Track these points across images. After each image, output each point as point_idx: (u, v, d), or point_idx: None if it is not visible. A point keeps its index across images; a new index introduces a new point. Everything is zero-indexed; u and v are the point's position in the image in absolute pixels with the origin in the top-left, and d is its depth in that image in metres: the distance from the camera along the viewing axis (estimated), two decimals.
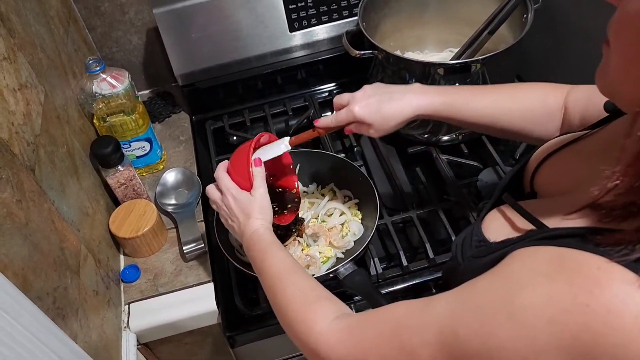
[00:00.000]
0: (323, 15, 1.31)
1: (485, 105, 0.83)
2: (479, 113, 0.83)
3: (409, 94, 0.83)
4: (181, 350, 1.11)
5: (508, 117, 0.82)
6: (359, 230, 1.02)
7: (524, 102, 0.82)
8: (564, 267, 0.44)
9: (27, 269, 0.67)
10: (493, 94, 0.84)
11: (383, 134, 0.86)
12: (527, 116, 0.81)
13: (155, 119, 1.41)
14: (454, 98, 0.83)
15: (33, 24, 0.95)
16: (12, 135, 0.73)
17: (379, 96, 0.84)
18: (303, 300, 0.71)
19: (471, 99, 0.83)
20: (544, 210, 0.57)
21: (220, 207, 0.88)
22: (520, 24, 1.10)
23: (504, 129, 0.83)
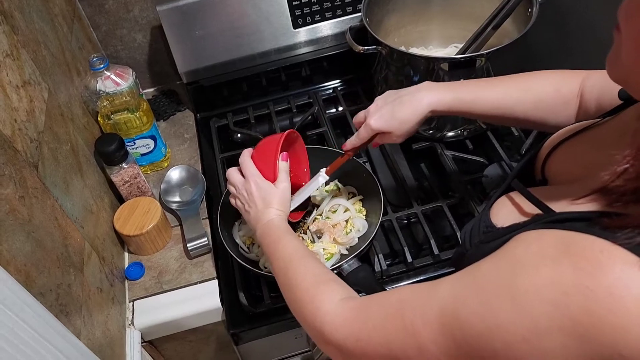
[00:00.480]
0: (327, 12, 1.30)
1: (497, 97, 0.82)
2: (492, 105, 0.82)
3: (419, 94, 0.84)
4: (186, 348, 1.11)
5: (521, 107, 0.81)
6: (363, 226, 1.02)
7: (537, 92, 0.81)
8: (568, 250, 0.43)
9: (30, 266, 0.67)
10: (504, 85, 0.83)
11: (406, 137, 0.88)
12: (541, 106, 0.80)
13: (160, 117, 1.41)
14: (465, 92, 0.83)
15: (37, 21, 0.95)
16: (15, 131, 0.73)
17: (390, 104, 0.86)
18: (312, 282, 0.71)
19: (482, 91, 0.83)
20: (553, 196, 0.57)
21: (240, 190, 0.89)
22: (524, 18, 1.09)
23: (519, 119, 0.83)
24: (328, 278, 0.72)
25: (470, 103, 0.83)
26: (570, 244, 0.44)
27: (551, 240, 0.46)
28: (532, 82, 0.82)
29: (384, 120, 0.86)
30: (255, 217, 0.86)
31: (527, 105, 0.81)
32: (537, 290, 0.43)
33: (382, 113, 0.86)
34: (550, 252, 0.45)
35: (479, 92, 0.83)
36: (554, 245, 0.45)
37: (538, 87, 0.81)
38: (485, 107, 0.83)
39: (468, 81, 0.86)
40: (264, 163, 0.89)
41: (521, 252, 0.48)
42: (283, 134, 0.91)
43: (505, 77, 0.85)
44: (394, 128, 0.85)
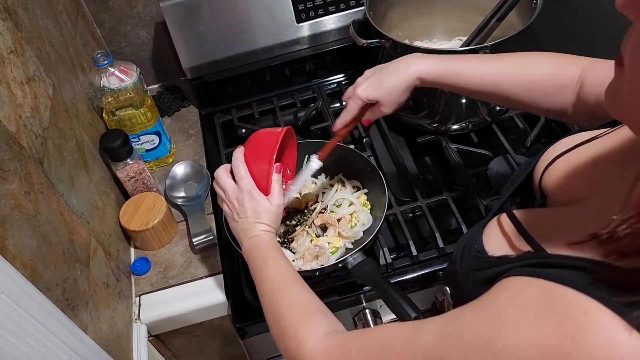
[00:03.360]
0: (330, 6, 1.30)
1: (489, 71, 0.79)
2: (482, 79, 0.80)
3: (407, 61, 0.83)
4: (192, 342, 1.12)
5: (512, 85, 0.78)
6: (367, 220, 1.01)
7: (532, 72, 0.78)
8: (551, 307, 0.42)
9: (36, 260, 0.68)
10: (499, 60, 0.81)
11: (395, 107, 0.86)
12: (535, 87, 0.77)
13: (165, 113, 1.41)
14: (455, 62, 0.81)
15: (40, 18, 0.95)
16: (19, 127, 0.73)
17: (378, 73, 0.85)
18: (299, 312, 0.70)
19: (473, 64, 0.81)
20: (548, 227, 0.55)
21: (230, 198, 0.85)
22: (529, 9, 1.08)
23: (508, 97, 0.80)
24: (315, 309, 0.70)
25: (460, 75, 0.80)
26: (554, 300, 0.42)
27: (535, 292, 0.44)
28: (530, 61, 0.79)
29: (372, 89, 0.84)
30: (244, 229, 0.83)
31: (520, 84, 0.78)
32: (518, 351, 0.42)
33: (370, 82, 0.85)
34: (533, 307, 0.43)
35: (471, 66, 0.81)
36: (537, 299, 0.43)
37: (535, 67, 0.78)
38: (475, 81, 0.80)
39: (462, 55, 0.84)
40: (256, 168, 0.85)
41: (504, 303, 0.46)
42: (279, 133, 0.86)
43: (502, 54, 0.82)
44: (382, 96, 0.84)
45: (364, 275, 0.90)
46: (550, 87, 0.76)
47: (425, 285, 1.03)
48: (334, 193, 1.06)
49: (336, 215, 1.02)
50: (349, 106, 0.88)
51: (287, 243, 1.02)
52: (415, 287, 1.02)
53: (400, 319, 0.82)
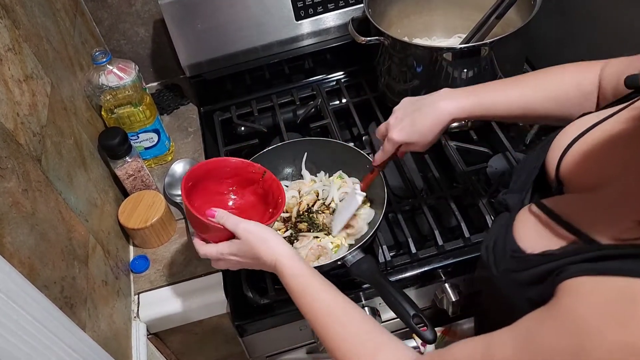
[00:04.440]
0: (329, 3, 1.30)
1: (517, 98, 0.81)
2: (512, 107, 0.81)
3: (438, 104, 0.83)
4: (191, 340, 1.11)
5: (543, 106, 0.80)
6: (369, 214, 1.01)
7: (557, 89, 0.79)
8: (635, 305, 0.40)
9: (34, 258, 0.68)
10: (522, 85, 0.82)
11: (428, 147, 0.88)
12: (563, 102, 0.79)
13: (164, 110, 1.41)
14: (483, 97, 0.82)
15: (38, 16, 0.95)
16: (17, 125, 0.73)
17: (410, 116, 0.85)
18: (361, 353, 0.66)
19: (501, 95, 0.82)
20: (585, 214, 0.53)
21: (232, 265, 0.82)
22: (528, 6, 1.08)
23: (541, 116, 0.82)
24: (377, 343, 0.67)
25: (490, 107, 0.82)
26: (636, 297, 0.40)
27: (612, 294, 0.42)
28: (551, 80, 0.81)
29: (406, 133, 0.85)
30: (261, 267, 0.80)
31: (549, 103, 0.80)
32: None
33: (403, 125, 0.85)
34: (615, 310, 0.41)
35: (498, 95, 0.82)
36: (617, 300, 0.41)
37: (558, 84, 0.80)
38: (505, 110, 0.82)
39: (486, 84, 0.84)
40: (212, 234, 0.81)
41: (581, 310, 0.43)
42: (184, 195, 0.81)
43: (522, 76, 0.84)
44: (417, 139, 0.85)
45: (363, 273, 0.89)
46: (576, 98, 0.78)
47: (424, 283, 1.03)
48: (337, 190, 1.06)
49: None
50: (386, 148, 0.89)
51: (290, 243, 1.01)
52: (414, 285, 1.02)
53: (399, 316, 0.82)
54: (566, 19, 1.21)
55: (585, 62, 0.80)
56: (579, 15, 1.16)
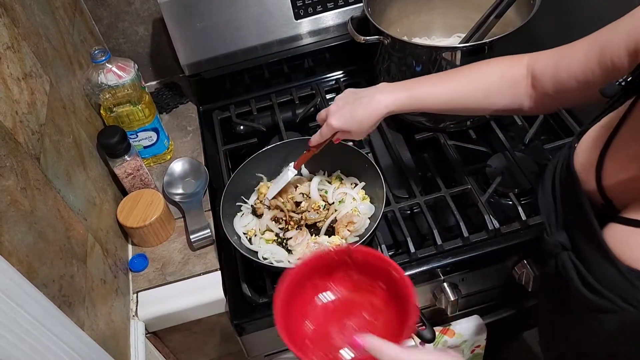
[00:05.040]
0: (329, 2, 1.30)
1: (448, 92, 0.87)
2: (444, 100, 0.87)
3: (376, 96, 0.88)
4: (190, 339, 1.11)
5: (472, 98, 0.86)
6: (369, 209, 1.01)
7: (483, 81, 0.85)
8: None
9: (32, 257, 0.68)
10: (454, 79, 0.88)
11: (363, 137, 0.94)
12: (489, 93, 0.85)
13: (163, 109, 1.41)
14: (418, 91, 0.87)
15: (37, 14, 0.95)
16: (16, 123, 0.73)
17: (350, 105, 0.90)
18: None
19: (433, 88, 0.87)
20: None
21: None
22: (528, 6, 1.08)
23: (471, 108, 0.88)
24: None
25: (424, 101, 0.87)
26: None
27: None
28: (479, 72, 0.87)
29: (344, 120, 0.90)
30: None
31: (477, 94, 0.86)
32: None
33: (342, 113, 0.90)
34: None
35: (431, 89, 0.87)
36: None
37: (484, 76, 0.86)
38: (437, 103, 0.87)
39: (420, 79, 0.90)
40: None
41: None
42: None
43: (453, 71, 0.90)
44: (354, 128, 0.90)
45: None
46: (500, 87, 0.84)
47: (423, 283, 1.03)
48: (335, 190, 1.06)
49: (340, 214, 1.02)
50: (323, 132, 0.94)
51: (285, 240, 1.02)
52: (413, 284, 1.02)
53: None
54: (566, 18, 1.21)
55: (510, 56, 0.86)
56: (578, 14, 1.16)
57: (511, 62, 0.84)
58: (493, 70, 0.86)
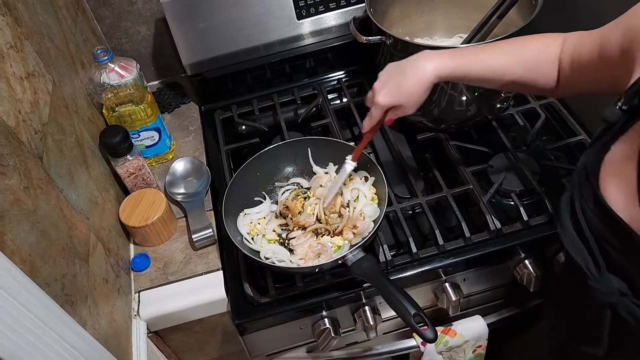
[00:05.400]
0: (331, 3, 1.30)
1: (491, 62, 0.84)
2: (487, 69, 0.84)
3: (421, 63, 0.85)
4: (191, 339, 1.12)
5: (512, 70, 0.84)
6: (374, 211, 1.01)
7: (524, 55, 0.84)
8: None
9: (35, 256, 0.68)
10: (496, 50, 0.85)
11: (417, 107, 0.88)
12: (530, 67, 0.83)
13: (165, 109, 1.41)
14: (463, 59, 0.85)
15: (40, 14, 0.95)
16: (19, 123, 0.73)
17: (394, 78, 0.86)
18: None
19: (478, 57, 0.85)
20: None
21: None
22: (530, 6, 1.08)
23: (511, 80, 0.85)
24: None
25: (469, 68, 0.84)
26: None
27: None
28: (520, 46, 0.85)
29: (391, 95, 0.86)
30: None
31: (517, 68, 0.84)
32: None
33: (388, 89, 0.86)
34: None
35: (476, 57, 0.85)
36: None
37: (525, 51, 0.84)
38: (481, 71, 0.85)
39: (462, 49, 0.88)
40: None
41: None
42: None
43: (496, 43, 0.87)
44: (403, 100, 0.86)
45: (364, 272, 0.89)
46: (544, 63, 0.82)
47: (424, 283, 1.03)
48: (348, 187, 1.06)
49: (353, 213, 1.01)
50: (373, 113, 0.90)
51: (287, 241, 1.02)
52: (414, 284, 1.02)
53: (400, 315, 0.82)
54: (568, 19, 1.21)
55: (550, 34, 0.84)
56: (580, 14, 1.16)
57: (549, 40, 0.83)
58: (533, 45, 0.84)
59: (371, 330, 1.02)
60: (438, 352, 1.06)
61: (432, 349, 1.05)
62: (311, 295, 0.99)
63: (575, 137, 1.16)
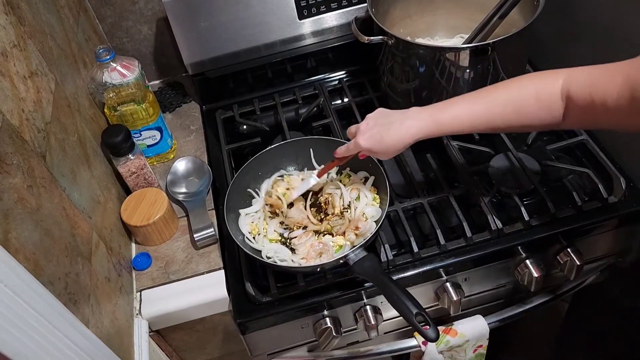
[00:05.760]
0: (332, 2, 1.30)
1: (477, 114, 0.84)
2: (473, 124, 0.85)
3: (406, 122, 0.88)
4: (193, 338, 1.12)
5: (502, 119, 0.83)
6: (376, 212, 1.01)
7: (516, 102, 0.81)
8: None
9: (39, 254, 0.68)
10: (484, 100, 0.85)
11: (389, 158, 0.95)
12: (522, 113, 0.81)
13: (166, 108, 1.41)
14: (444, 116, 0.86)
15: (43, 13, 0.95)
16: (22, 121, 0.73)
17: (379, 127, 0.91)
18: None
19: (461, 111, 0.85)
20: None
21: None
22: (532, 7, 1.08)
23: (501, 128, 0.85)
24: None
25: (450, 126, 0.86)
26: None
27: None
28: (511, 92, 0.83)
29: (372, 142, 0.91)
30: None
31: (509, 116, 0.82)
32: None
33: (371, 134, 0.91)
34: None
35: (459, 113, 0.86)
36: None
37: (517, 97, 0.82)
38: (465, 127, 0.86)
39: (451, 100, 0.88)
40: None
41: None
42: None
43: (487, 90, 0.86)
44: (380, 151, 0.91)
45: (366, 272, 0.90)
46: (537, 109, 0.80)
47: (426, 282, 1.03)
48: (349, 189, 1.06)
49: (354, 214, 1.02)
50: (350, 148, 0.95)
51: (289, 240, 1.02)
52: (416, 284, 1.02)
53: (402, 315, 0.82)
54: (569, 20, 1.21)
55: (545, 74, 0.81)
56: (582, 16, 1.17)
57: (546, 81, 0.79)
58: (528, 89, 0.81)
59: (372, 330, 1.02)
60: (439, 352, 1.07)
61: (433, 349, 1.06)
62: (312, 294, 0.99)
63: (576, 138, 1.16)
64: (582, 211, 1.04)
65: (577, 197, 1.04)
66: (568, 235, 1.04)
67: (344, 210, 1.03)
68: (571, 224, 1.03)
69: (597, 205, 1.05)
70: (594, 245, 1.10)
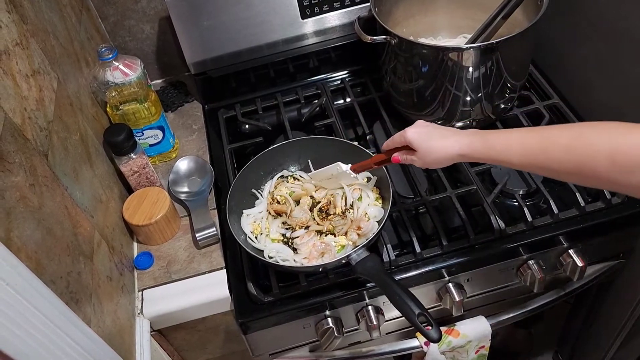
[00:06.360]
0: (335, 2, 1.30)
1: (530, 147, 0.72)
2: (524, 159, 0.74)
3: (456, 136, 0.83)
4: (195, 337, 1.11)
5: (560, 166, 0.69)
6: (379, 212, 1.01)
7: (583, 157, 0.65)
8: None
9: (41, 253, 0.68)
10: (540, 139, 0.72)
11: (426, 166, 0.88)
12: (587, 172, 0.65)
13: (168, 108, 1.41)
14: (495, 138, 0.77)
15: (45, 11, 0.95)
16: (24, 120, 0.73)
17: (432, 128, 0.86)
18: None
19: (515, 143, 0.74)
20: None
21: None
22: (535, 7, 1.08)
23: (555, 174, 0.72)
24: None
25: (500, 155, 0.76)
26: None
27: None
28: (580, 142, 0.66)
29: (418, 137, 0.85)
30: None
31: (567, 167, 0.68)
32: None
33: (421, 130, 0.86)
34: None
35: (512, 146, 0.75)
36: None
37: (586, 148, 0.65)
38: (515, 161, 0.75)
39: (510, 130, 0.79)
40: None
41: None
42: None
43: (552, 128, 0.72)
44: (422, 150, 0.85)
45: (368, 272, 0.89)
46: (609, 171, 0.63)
47: (428, 283, 1.03)
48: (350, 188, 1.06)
49: (356, 215, 1.01)
50: (396, 137, 0.90)
51: (291, 240, 1.02)
52: (418, 284, 1.02)
53: (404, 315, 0.82)
54: (573, 20, 1.21)
55: (631, 125, 0.62)
56: (586, 16, 1.16)
57: (625, 139, 0.62)
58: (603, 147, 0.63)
59: (374, 330, 1.02)
60: (441, 353, 1.06)
61: (435, 349, 1.05)
62: (314, 294, 0.99)
63: None
64: (585, 212, 1.04)
65: (580, 198, 1.04)
66: (571, 236, 1.03)
67: (346, 210, 1.03)
68: (574, 225, 1.03)
69: (601, 206, 1.05)
70: (597, 247, 1.10)
